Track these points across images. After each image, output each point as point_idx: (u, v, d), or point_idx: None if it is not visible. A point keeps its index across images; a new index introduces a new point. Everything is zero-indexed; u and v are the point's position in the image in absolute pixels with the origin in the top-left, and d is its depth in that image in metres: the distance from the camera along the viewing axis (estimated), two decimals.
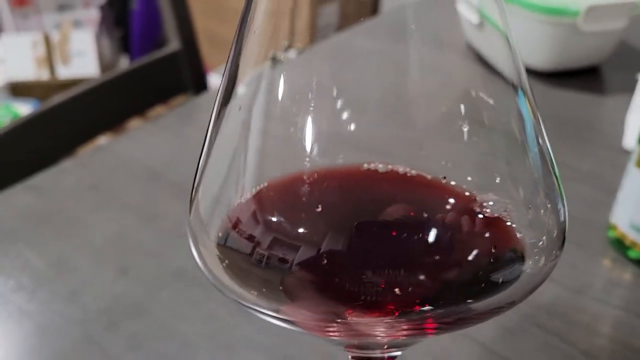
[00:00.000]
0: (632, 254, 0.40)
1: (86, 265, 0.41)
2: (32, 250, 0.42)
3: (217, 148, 0.21)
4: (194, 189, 0.22)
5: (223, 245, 0.21)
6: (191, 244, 0.21)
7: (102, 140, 0.84)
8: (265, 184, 0.21)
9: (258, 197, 0.21)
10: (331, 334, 0.20)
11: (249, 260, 0.20)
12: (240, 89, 0.21)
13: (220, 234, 0.21)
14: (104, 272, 0.40)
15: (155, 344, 0.35)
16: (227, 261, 0.21)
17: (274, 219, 0.21)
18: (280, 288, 0.20)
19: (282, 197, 0.21)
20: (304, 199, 0.21)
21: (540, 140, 0.21)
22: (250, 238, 0.20)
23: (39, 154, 0.62)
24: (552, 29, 0.59)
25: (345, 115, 0.23)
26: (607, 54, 0.63)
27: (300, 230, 0.20)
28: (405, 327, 0.20)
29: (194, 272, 0.40)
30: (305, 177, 0.21)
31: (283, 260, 0.19)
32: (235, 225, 0.20)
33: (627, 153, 0.49)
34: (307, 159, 0.21)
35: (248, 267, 0.20)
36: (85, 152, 0.56)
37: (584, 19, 0.58)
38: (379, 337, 0.21)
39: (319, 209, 0.21)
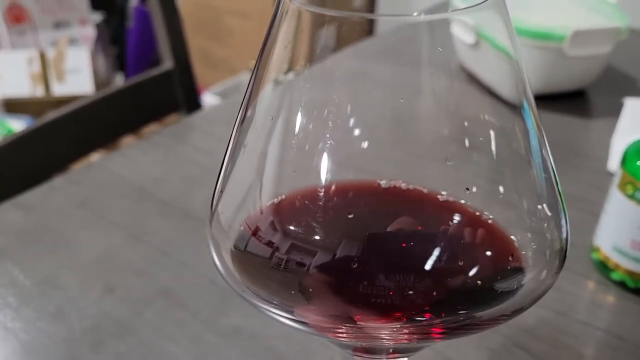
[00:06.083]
0: (615, 276, 0.40)
1: (72, 284, 0.41)
2: (18, 267, 0.42)
3: (238, 164, 0.23)
4: (214, 201, 0.23)
5: (242, 251, 0.22)
6: (212, 251, 0.23)
7: (95, 157, 0.84)
8: (283, 197, 0.23)
9: (277, 208, 0.23)
10: (340, 335, 0.22)
11: (267, 264, 0.21)
12: (251, 111, 0.23)
13: (240, 241, 0.23)
14: (90, 291, 0.40)
15: None
16: (245, 266, 0.22)
17: (292, 228, 0.22)
18: (293, 292, 0.21)
19: (298, 208, 0.23)
20: (318, 211, 0.22)
21: (544, 154, 0.22)
22: (269, 244, 0.22)
23: (31, 170, 0.62)
24: (538, 53, 0.60)
25: (354, 136, 0.24)
26: (593, 78, 0.64)
27: (316, 238, 0.22)
28: (411, 331, 0.21)
29: (180, 292, 0.40)
30: (318, 191, 0.22)
31: (300, 265, 0.21)
32: (255, 233, 0.22)
33: (611, 176, 0.50)
34: (320, 175, 0.23)
35: (266, 271, 0.22)
36: (75, 169, 0.56)
37: (570, 44, 0.59)
38: (385, 341, 0.22)
39: (333, 221, 0.22)
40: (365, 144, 0.24)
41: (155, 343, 0.36)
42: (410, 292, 0.20)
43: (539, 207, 0.22)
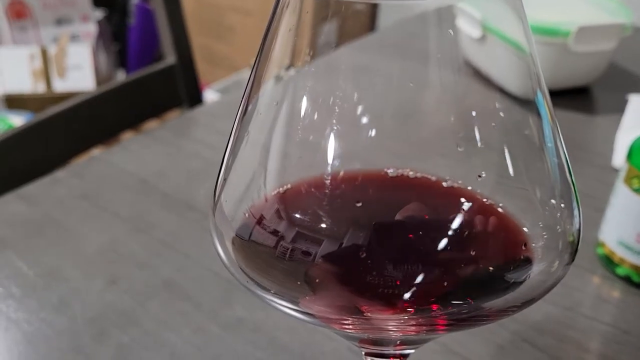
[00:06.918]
0: (621, 270, 0.40)
1: (76, 275, 0.41)
2: (22, 258, 0.42)
3: (242, 152, 0.23)
4: (217, 190, 0.23)
5: (246, 241, 0.22)
6: (215, 240, 0.23)
7: (96, 152, 0.84)
8: (288, 185, 0.23)
9: (282, 196, 0.23)
10: (346, 327, 0.21)
11: (272, 254, 0.21)
12: (254, 100, 0.22)
13: (244, 231, 0.22)
14: (94, 282, 0.40)
15: (144, 354, 0.35)
16: (249, 256, 0.22)
17: (298, 216, 0.22)
18: (299, 282, 0.21)
19: (304, 196, 0.23)
20: (325, 199, 0.22)
21: (557, 145, 0.22)
22: (275, 233, 0.21)
23: (32, 165, 0.61)
24: (543, 49, 0.60)
25: (360, 126, 0.24)
26: (597, 74, 0.64)
27: (322, 227, 0.21)
28: (419, 323, 0.21)
29: (183, 283, 0.40)
30: (325, 180, 0.22)
31: (305, 254, 0.21)
32: (259, 222, 0.22)
33: (616, 172, 0.50)
34: (325, 164, 0.22)
35: (271, 261, 0.21)
36: (78, 162, 0.56)
37: (575, 40, 0.59)
38: (393, 332, 0.21)
39: (340, 209, 0.22)
40: (372, 132, 0.24)
41: (158, 334, 0.36)
42: (419, 282, 0.20)
43: (552, 197, 0.22)
